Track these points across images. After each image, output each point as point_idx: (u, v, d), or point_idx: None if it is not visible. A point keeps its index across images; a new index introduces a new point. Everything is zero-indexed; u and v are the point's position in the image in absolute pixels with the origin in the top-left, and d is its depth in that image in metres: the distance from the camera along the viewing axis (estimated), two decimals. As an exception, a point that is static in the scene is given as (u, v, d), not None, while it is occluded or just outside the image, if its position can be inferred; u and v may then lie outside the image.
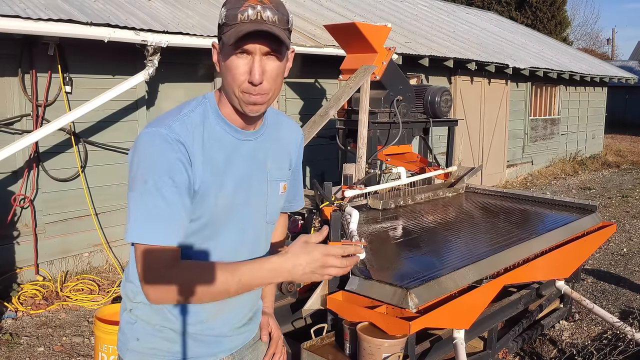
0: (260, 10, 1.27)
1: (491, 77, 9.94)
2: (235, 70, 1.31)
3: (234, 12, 1.28)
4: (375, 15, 9.69)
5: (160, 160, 1.29)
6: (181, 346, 1.44)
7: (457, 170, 4.84)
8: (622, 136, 19.75)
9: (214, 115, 1.40)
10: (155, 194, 1.27)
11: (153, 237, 1.27)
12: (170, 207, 1.28)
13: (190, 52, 5.57)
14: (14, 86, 4.79)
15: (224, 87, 1.38)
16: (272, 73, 1.33)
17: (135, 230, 1.28)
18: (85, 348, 3.94)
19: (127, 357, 1.48)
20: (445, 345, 3.03)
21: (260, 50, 1.30)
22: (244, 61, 1.31)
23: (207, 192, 1.36)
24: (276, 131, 1.55)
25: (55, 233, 5.09)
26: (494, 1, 21.78)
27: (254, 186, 1.47)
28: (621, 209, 8.60)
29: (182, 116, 1.36)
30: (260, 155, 1.48)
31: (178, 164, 1.30)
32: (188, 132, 1.33)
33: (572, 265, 3.80)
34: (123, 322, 1.50)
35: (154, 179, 1.27)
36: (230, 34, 1.28)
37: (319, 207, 3.20)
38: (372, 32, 4.49)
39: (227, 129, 1.41)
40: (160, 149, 1.29)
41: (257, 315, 1.65)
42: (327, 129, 4.74)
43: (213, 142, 1.38)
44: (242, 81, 1.32)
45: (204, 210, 1.37)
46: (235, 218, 1.44)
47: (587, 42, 37.23)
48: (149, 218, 1.28)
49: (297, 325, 3.16)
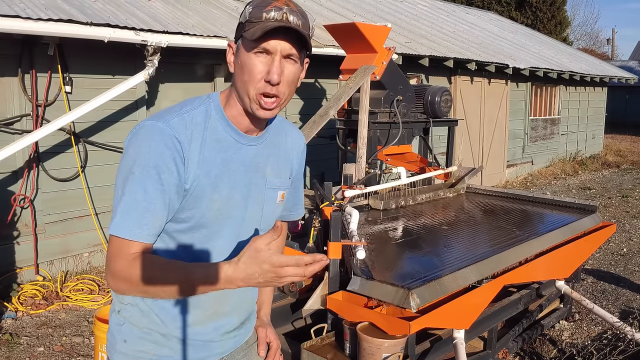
0: (286, 12, 1.27)
1: (491, 77, 9.94)
2: (253, 68, 1.30)
3: (259, 10, 1.28)
4: (375, 15, 9.69)
5: (151, 154, 1.27)
6: (168, 349, 1.43)
7: (457, 170, 4.84)
8: (622, 136, 19.76)
9: (218, 116, 1.38)
10: (138, 187, 1.27)
11: (124, 231, 1.27)
12: (148, 202, 1.27)
13: (190, 52, 5.57)
14: (14, 86, 4.79)
15: (237, 87, 1.35)
16: (290, 77, 1.32)
17: (112, 223, 1.28)
18: (85, 348, 3.94)
19: (115, 359, 1.47)
20: (445, 345, 3.03)
21: (281, 52, 1.29)
22: (262, 60, 1.30)
23: (201, 193, 1.34)
24: (279, 138, 1.53)
25: (55, 233, 5.09)
26: (494, 1, 21.78)
27: (251, 192, 1.45)
28: (621, 209, 8.60)
29: (183, 113, 1.34)
30: (260, 161, 1.46)
31: (169, 160, 1.28)
32: (187, 129, 1.32)
33: (572, 265, 3.80)
34: (112, 323, 1.49)
35: (140, 171, 1.27)
36: (256, 29, 1.26)
37: (319, 207, 3.20)
38: (372, 32, 4.48)
39: (230, 131, 1.39)
40: (154, 143, 1.28)
41: (251, 319, 1.63)
42: (327, 129, 4.74)
43: (213, 142, 1.36)
44: (259, 80, 1.30)
45: (197, 211, 1.35)
46: (229, 222, 1.41)
47: (587, 42, 37.27)
48: (125, 211, 1.27)
49: (297, 325, 3.16)
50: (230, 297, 1.48)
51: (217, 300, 1.45)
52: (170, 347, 1.42)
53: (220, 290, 1.41)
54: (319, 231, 3.19)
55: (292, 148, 1.58)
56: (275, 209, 1.54)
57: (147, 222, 1.28)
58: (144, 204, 1.27)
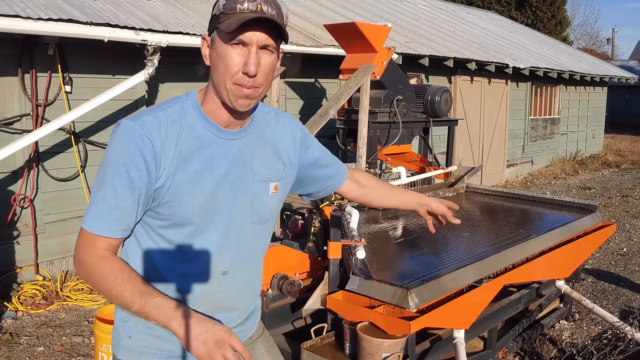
0: (260, 3, 1.28)
1: (491, 76, 9.94)
2: (229, 60, 1.31)
3: (233, 2, 1.29)
4: (375, 15, 9.69)
5: (122, 153, 1.32)
6: (172, 344, 1.45)
7: (457, 170, 4.84)
8: (622, 136, 19.75)
9: (195, 112, 1.39)
10: (108, 184, 1.32)
11: (94, 227, 1.34)
12: (117, 199, 1.32)
13: (190, 51, 5.57)
14: (14, 86, 4.78)
15: (214, 80, 1.36)
16: (266, 67, 1.33)
17: (85, 218, 1.36)
18: (85, 348, 3.94)
19: (120, 355, 1.49)
20: (445, 345, 3.03)
21: (257, 43, 1.30)
22: (238, 52, 1.31)
23: (179, 188, 1.36)
24: (266, 129, 1.52)
25: (55, 233, 5.09)
26: (494, 1, 21.77)
27: (238, 186, 1.44)
28: (621, 209, 8.60)
29: (158, 111, 1.37)
30: (246, 154, 1.46)
31: (139, 159, 1.31)
32: (160, 127, 1.34)
33: (572, 265, 3.80)
34: (117, 319, 1.51)
35: (111, 170, 1.32)
36: (231, 21, 1.27)
37: (319, 207, 3.20)
38: (372, 32, 4.48)
39: (209, 127, 1.40)
40: (125, 142, 1.32)
41: (255, 315, 1.64)
42: (327, 128, 4.73)
43: (190, 139, 1.37)
44: (236, 72, 1.31)
45: (178, 207, 1.36)
46: (216, 218, 1.42)
47: (587, 41, 37.26)
48: (96, 207, 1.34)
49: (297, 325, 3.16)
50: (226, 292, 1.49)
51: (211, 295, 1.47)
52: (173, 342, 1.43)
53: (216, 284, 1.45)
54: (318, 231, 3.19)
55: (283, 137, 1.56)
56: (269, 202, 1.52)
57: (116, 219, 1.34)
58: (113, 202, 1.33)
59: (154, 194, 1.35)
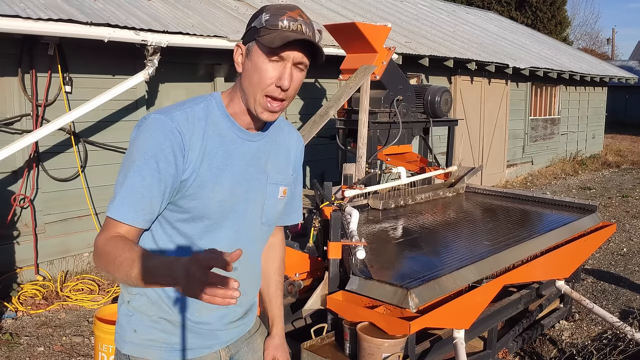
0: (301, 24, 1.36)
1: (491, 77, 9.94)
2: (264, 73, 1.38)
3: (275, 19, 1.36)
4: (375, 15, 9.69)
5: (152, 144, 1.35)
6: (178, 337, 1.47)
7: (457, 170, 4.84)
8: (622, 136, 19.75)
9: (220, 111, 1.46)
10: (137, 174, 1.35)
11: (121, 214, 1.35)
12: (144, 189, 1.35)
13: (190, 52, 5.57)
14: (14, 86, 4.78)
15: (244, 87, 1.42)
16: (297, 82, 1.41)
17: (111, 205, 1.36)
18: (85, 348, 3.94)
19: (125, 349, 1.50)
20: (445, 345, 3.03)
21: (293, 59, 1.38)
22: (274, 66, 1.38)
23: (203, 182, 1.41)
24: (278, 135, 1.61)
25: (55, 233, 5.09)
26: (494, 1, 21.78)
27: (252, 186, 1.51)
28: (621, 209, 8.60)
29: (186, 107, 1.43)
30: (261, 156, 1.53)
31: (168, 150, 1.35)
32: (188, 122, 1.40)
33: (572, 265, 3.80)
34: (121, 314, 1.53)
35: (141, 159, 1.35)
36: (274, 37, 1.34)
37: (319, 207, 3.20)
38: (372, 32, 4.48)
39: (232, 126, 1.47)
40: (155, 134, 1.35)
41: (253, 310, 1.70)
42: (327, 128, 4.73)
43: (215, 136, 1.43)
44: (269, 84, 1.38)
45: (199, 201, 1.41)
46: (232, 215, 1.47)
47: (587, 42, 37.26)
48: (122, 195, 1.35)
49: (297, 325, 3.16)
50: None
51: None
52: (178, 335, 1.47)
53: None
54: (319, 231, 3.19)
55: (291, 146, 1.66)
56: (277, 204, 1.60)
57: (143, 207, 1.36)
58: (140, 190, 1.35)
59: (179, 186, 1.40)
